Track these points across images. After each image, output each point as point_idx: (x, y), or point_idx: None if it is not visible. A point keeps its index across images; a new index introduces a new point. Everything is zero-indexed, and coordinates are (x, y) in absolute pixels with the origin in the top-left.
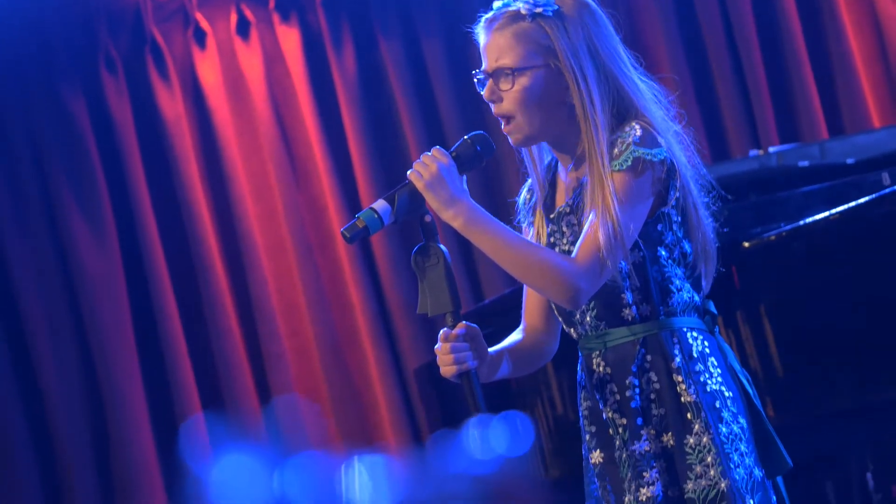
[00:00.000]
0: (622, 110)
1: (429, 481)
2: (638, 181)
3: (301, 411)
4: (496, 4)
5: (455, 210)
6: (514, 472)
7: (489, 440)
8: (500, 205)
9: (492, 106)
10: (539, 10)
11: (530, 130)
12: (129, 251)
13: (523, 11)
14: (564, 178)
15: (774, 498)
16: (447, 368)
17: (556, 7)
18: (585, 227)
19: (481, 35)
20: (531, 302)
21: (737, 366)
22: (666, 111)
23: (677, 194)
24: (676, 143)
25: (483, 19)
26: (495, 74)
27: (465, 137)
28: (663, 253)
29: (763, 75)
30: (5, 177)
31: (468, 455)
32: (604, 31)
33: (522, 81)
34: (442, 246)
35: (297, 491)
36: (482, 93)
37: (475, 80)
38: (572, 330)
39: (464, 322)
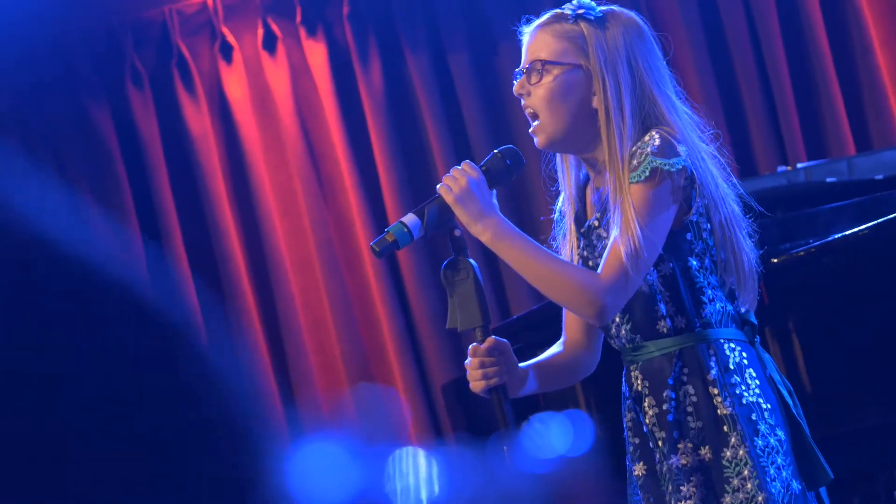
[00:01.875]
0: (653, 124)
1: (490, 479)
2: (656, 192)
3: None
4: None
5: (483, 224)
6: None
7: (551, 440)
8: (529, 220)
9: (522, 101)
10: (582, 11)
11: (553, 131)
12: (156, 267)
13: (567, 12)
14: (592, 189)
15: None
16: (477, 383)
17: (600, 14)
18: (609, 242)
19: (525, 36)
20: (571, 316)
21: (777, 376)
22: (700, 132)
23: (704, 202)
24: (709, 160)
25: (532, 23)
26: (529, 69)
27: (496, 151)
28: (694, 263)
29: (790, 91)
30: (31, 191)
31: (533, 455)
32: (647, 46)
33: (551, 75)
34: (472, 260)
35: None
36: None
37: (514, 80)
38: (612, 343)
39: (493, 337)
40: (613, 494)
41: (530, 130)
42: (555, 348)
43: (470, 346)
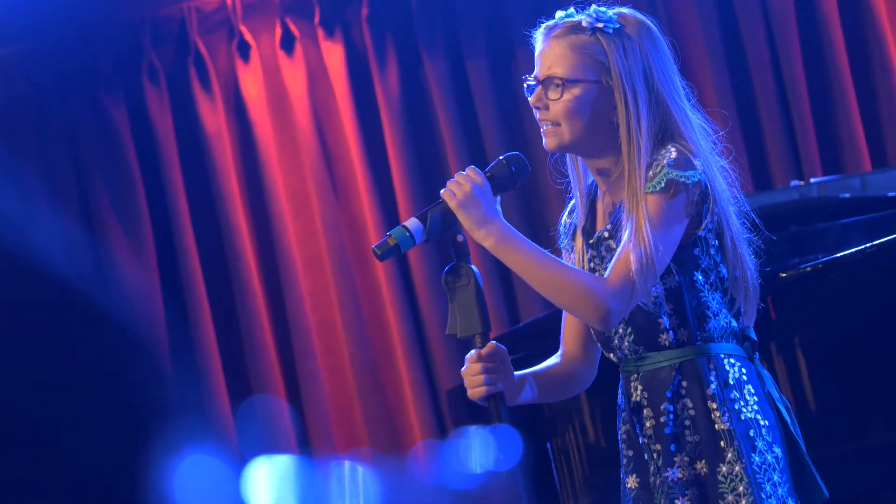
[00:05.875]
0: (667, 137)
1: (411, 493)
2: (671, 203)
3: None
4: (559, 14)
5: (487, 230)
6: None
7: (477, 454)
8: (538, 229)
9: (536, 112)
10: (600, 25)
11: (568, 140)
12: (166, 263)
13: (584, 24)
14: (603, 201)
15: None
16: (476, 390)
17: (617, 25)
18: (618, 249)
19: (538, 41)
20: (569, 329)
21: (776, 393)
22: (713, 145)
23: (715, 218)
24: (721, 176)
25: (543, 26)
26: (545, 82)
27: (501, 158)
28: (700, 278)
29: (808, 106)
30: (46, 184)
31: (454, 468)
32: (661, 57)
33: (572, 93)
34: (473, 266)
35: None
36: (529, 98)
37: (525, 85)
38: (611, 355)
39: (493, 343)
40: None
41: (542, 131)
42: (552, 360)
43: (468, 354)
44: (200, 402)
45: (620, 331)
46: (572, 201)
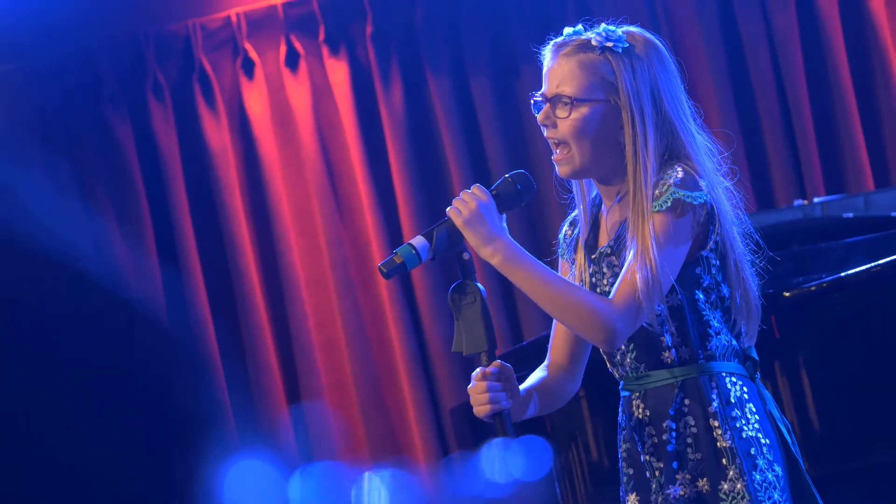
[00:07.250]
0: (673, 157)
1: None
2: (677, 223)
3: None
4: (567, 30)
5: (493, 247)
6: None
7: (506, 464)
8: (541, 246)
9: (544, 130)
10: (609, 44)
11: (580, 163)
12: (170, 279)
13: (594, 43)
14: (607, 216)
15: None
16: (481, 408)
17: (626, 45)
18: (624, 268)
19: (547, 57)
20: (558, 340)
21: (776, 413)
22: (718, 167)
23: (717, 238)
24: (725, 197)
25: (552, 43)
26: (554, 100)
27: (507, 176)
28: (701, 296)
29: (811, 125)
30: (48, 200)
31: (483, 478)
32: (669, 76)
33: (580, 112)
34: (479, 284)
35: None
36: (537, 115)
37: (532, 101)
38: (615, 371)
39: (499, 361)
40: None
41: (554, 159)
42: (539, 373)
43: (475, 372)
44: (207, 418)
45: (623, 348)
46: (573, 213)
